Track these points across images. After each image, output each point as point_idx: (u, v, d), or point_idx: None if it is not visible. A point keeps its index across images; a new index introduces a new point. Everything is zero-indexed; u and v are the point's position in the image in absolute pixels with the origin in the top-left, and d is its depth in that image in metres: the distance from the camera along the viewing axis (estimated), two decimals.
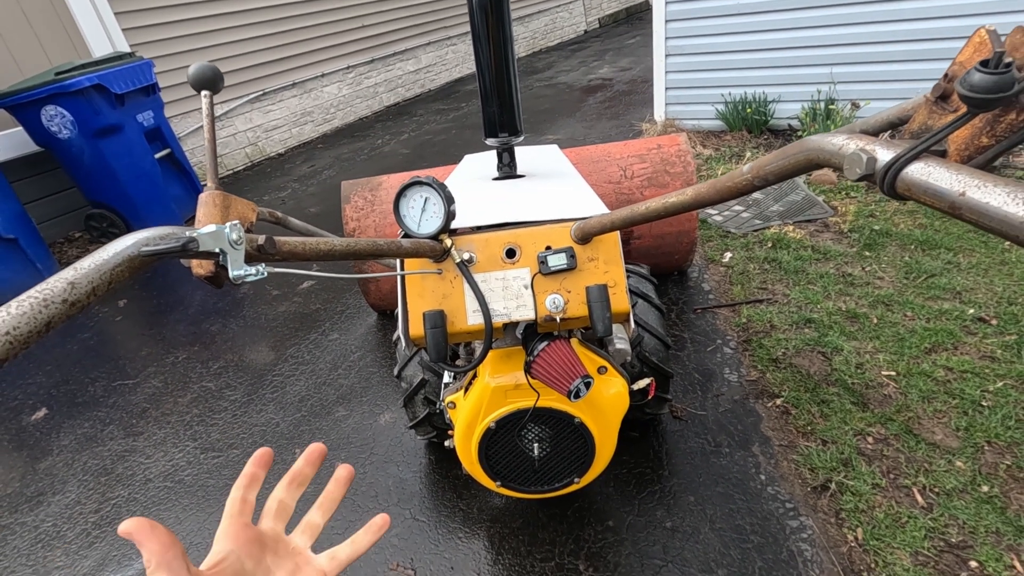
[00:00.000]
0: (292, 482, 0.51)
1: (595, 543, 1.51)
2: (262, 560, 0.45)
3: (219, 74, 1.19)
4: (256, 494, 0.48)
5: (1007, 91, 0.38)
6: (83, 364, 2.66)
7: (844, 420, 1.75)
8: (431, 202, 1.00)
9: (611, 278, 1.09)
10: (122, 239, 0.48)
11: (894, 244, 2.57)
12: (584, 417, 1.19)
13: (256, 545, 0.45)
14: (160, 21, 4.50)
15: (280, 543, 0.48)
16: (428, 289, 1.11)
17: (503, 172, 1.57)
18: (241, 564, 0.43)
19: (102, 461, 2.05)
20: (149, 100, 3.83)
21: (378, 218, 2.27)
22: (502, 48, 1.39)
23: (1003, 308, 2.08)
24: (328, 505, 0.52)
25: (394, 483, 1.77)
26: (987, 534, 1.39)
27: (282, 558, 0.47)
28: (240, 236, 0.54)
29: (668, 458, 1.72)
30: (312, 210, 4.08)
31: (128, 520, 0.38)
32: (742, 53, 3.87)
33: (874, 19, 3.38)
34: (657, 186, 2.24)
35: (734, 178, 0.67)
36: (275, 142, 5.66)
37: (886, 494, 1.52)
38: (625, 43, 8.42)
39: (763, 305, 2.33)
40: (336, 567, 0.49)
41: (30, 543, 1.77)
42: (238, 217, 1.09)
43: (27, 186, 3.80)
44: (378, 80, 6.63)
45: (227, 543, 0.44)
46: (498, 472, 1.28)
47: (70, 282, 0.43)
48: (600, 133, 4.75)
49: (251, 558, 0.44)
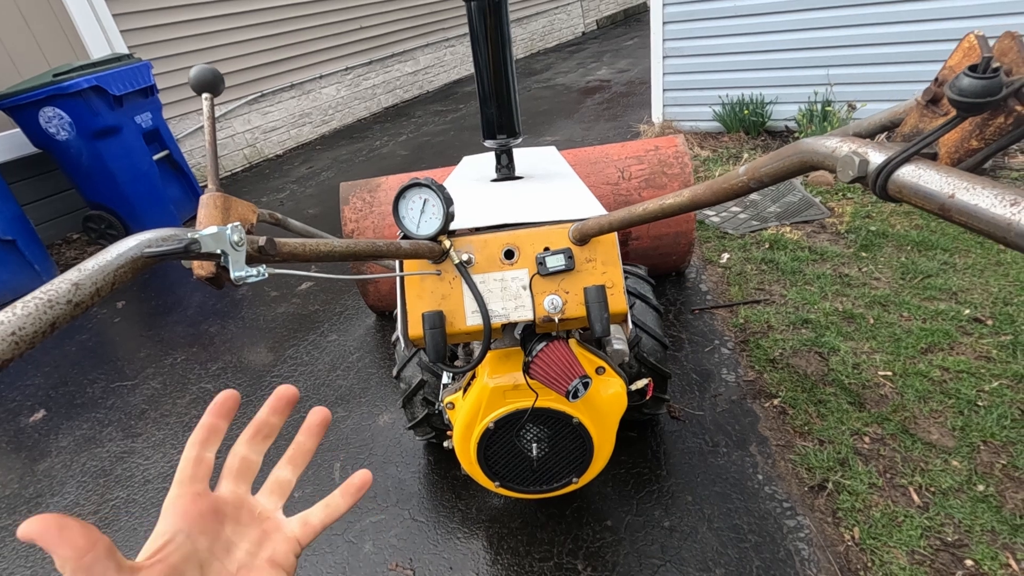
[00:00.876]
0: (256, 434, 0.43)
1: (593, 543, 1.51)
2: (219, 534, 0.38)
3: (220, 76, 1.19)
4: (214, 452, 0.40)
5: (995, 95, 0.39)
6: (81, 366, 2.66)
7: (841, 420, 1.76)
8: (430, 203, 1.01)
9: (609, 279, 1.10)
10: (125, 240, 0.49)
11: (890, 245, 2.59)
12: (582, 417, 1.20)
13: (211, 518, 0.38)
14: (158, 23, 4.51)
15: (243, 508, 0.40)
16: (427, 290, 1.11)
17: (501, 174, 1.58)
18: (192, 544, 0.36)
19: (101, 462, 2.05)
20: (147, 102, 3.83)
21: (377, 219, 2.28)
22: (500, 50, 1.40)
23: (998, 308, 2.09)
24: (300, 458, 0.44)
25: (393, 484, 1.78)
26: (983, 533, 1.40)
27: (246, 526, 0.40)
28: (241, 237, 0.55)
29: (666, 458, 1.73)
30: (311, 211, 4.09)
31: (29, 520, 0.30)
32: (739, 55, 3.89)
33: (871, 21, 3.40)
34: (655, 187, 2.24)
35: (730, 180, 0.68)
36: (273, 143, 5.66)
37: (883, 493, 1.53)
38: (623, 45, 8.44)
39: (760, 306, 2.34)
40: (309, 533, 0.42)
41: (29, 544, 1.77)
42: (239, 219, 1.10)
43: (25, 188, 3.80)
44: (376, 81, 6.64)
45: (173, 520, 0.36)
46: (497, 472, 1.29)
47: (74, 283, 0.44)
48: (598, 134, 4.76)
49: (205, 534, 0.37)
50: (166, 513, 0.37)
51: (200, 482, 0.39)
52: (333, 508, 0.43)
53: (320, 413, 0.45)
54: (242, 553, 0.39)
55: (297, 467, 0.44)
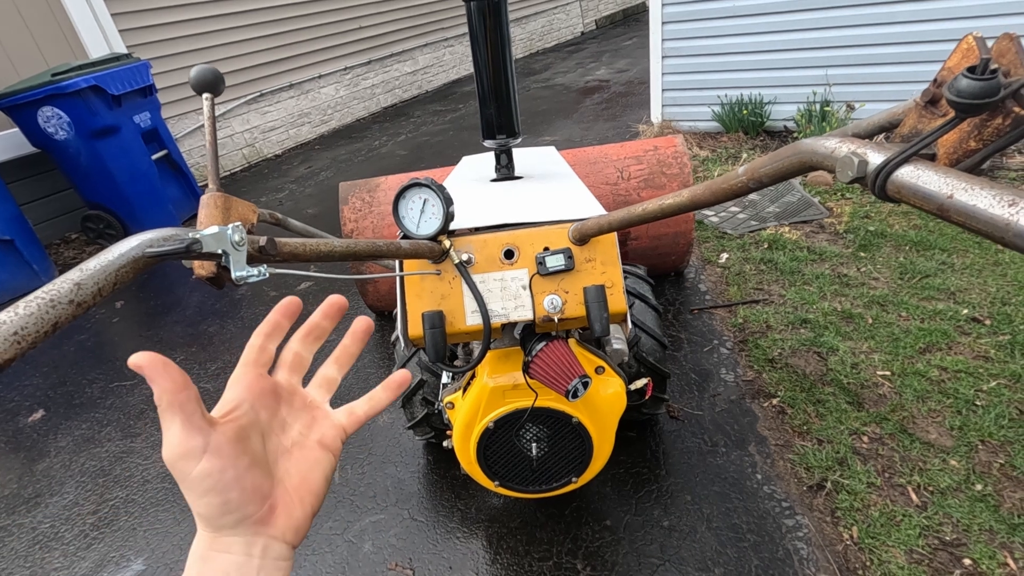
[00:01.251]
0: (309, 335, 0.48)
1: (593, 542, 1.52)
2: (276, 412, 0.43)
3: (220, 76, 1.19)
4: (276, 345, 0.45)
5: (993, 96, 0.39)
6: (80, 366, 2.66)
7: (840, 420, 1.76)
8: (430, 203, 1.01)
9: (609, 279, 1.10)
10: (127, 240, 0.49)
11: (889, 245, 2.59)
12: (582, 417, 1.20)
13: (271, 396, 0.43)
14: (157, 22, 4.50)
15: (296, 396, 0.46)
16: (427, 290, 1.11)
17: (501, 173, 1.58)
18: (255, 414, 0.41)
19: (100, 462, 2.05)
20: (146, 101, 3.82)
21: (376, 219, 2.28)
22: (500, 50, 1.40)
23: (996, 308, 2.10)
24: (345, 359, 0.50)
25: (392, 483, 1.78)
26: (981, 532, 1.41)
27: (298, 411, 0.45)
28: (242, 237, 0.55)
29: (665, 458, 1.73)
30: (310, 211, 4.08)
31: (139, 353, 0.35)
32: (738, 55, 3.89)
33: (869, 22, 3.41)
34: (654, 187, 2.25)
35: (729, 180, 0.68)
36: (272, 143, 5.65)
37: (881, 493, 1.54)
38: (622, 44, 8.45)
39: (759, 306, 2.34)
40: (354, 422, 0.47)
41: (28, 544, 1.77)
42: (239, 218, 1.10)
43: (23, 187, 3.80)
44: (375, 81, 6.64)
45: (240, 391, 0.41)
46: (496, 472, 1.29)
47: (76, 283, 0.44)
48: (597, 134, 4.76)
49: (266, 409, 0.42)
50: (232, 385, 0.42)
51: (262, 366, 0.43)
52: (376, 401, 0.49)
53: (364, 321, 0.50)
54: (295, 432, 0.44)
55: (342, 367, 0.50)
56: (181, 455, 0.35)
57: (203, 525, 0.37)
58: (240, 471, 0.38)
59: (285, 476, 0.42)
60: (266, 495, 0.40)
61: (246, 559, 0.37)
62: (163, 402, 0.35)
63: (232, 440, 0.38)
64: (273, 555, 0.38)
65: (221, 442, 0.37)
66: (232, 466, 0.37)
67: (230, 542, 0.37)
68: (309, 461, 0.43)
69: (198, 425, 0.36)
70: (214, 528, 0.37)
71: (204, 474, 0.36)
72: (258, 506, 0.39)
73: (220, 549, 0.37)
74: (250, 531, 0.38)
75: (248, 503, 0.38)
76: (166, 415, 0.35)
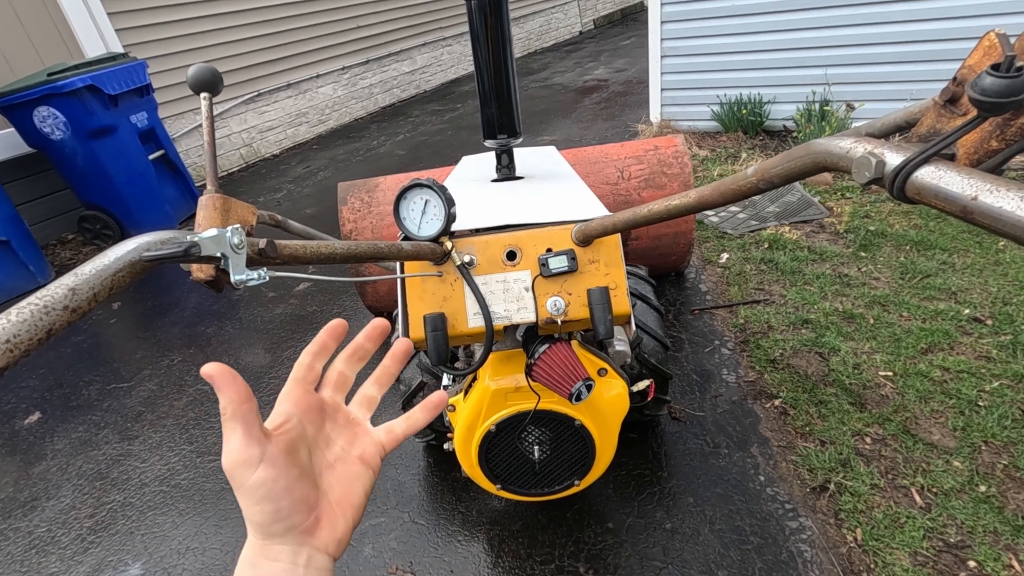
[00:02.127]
0: (353, 355, 0.51)
1: (595, 545, 1.51)
2: (322, 427, 0.46)
3: (218, 76, 1.18)
4: (323, 364, 0.48)
5: (1018, 95, 0.38)
6: (77, 368, 2.64)
7: (842, 420, 1.75)
8: (431, 204, 0.99)
9: (612, 280, 1.09)
10: (123, 244, 0.47)
11: (889, 245, 2.59)
12: (584, 419, 1.19)
13: (317, 412, 0.45)
14: (154, 21, 4.48)
15: (339, 412, 0.48)
16: (428, 292, 1.10)
17: (502, 174, 1.57)
18: (303, 428, 0.43)
19: (97, 465, 2.03)
20: (143, 101, 3.80)
21: (375, 220, 2.26)
22: (501, 49, 1.39)
23: (998, 308, 2.09)
24: (385, 379, 0.52)
25: (393, 486, 1.76)
26: (985, 534, 1.40)
27: (341, 427, 0.47)
28: (242, 240, 0.53)
29: (667, 459, 1.72)
30: (308, 211, 4.07)
31: (211, 363, 0.38)
32: (737, 54, 3.88)
33: (868, 21, 3.40)
34: (654, 187, 2.24)
35: (738, 181, 0.67)
36: (270, 143, 5.63)
37: (885, 494, 1.53)
38: (620, 44, 8.44)
39: (760, 306, 2.33)
40: (393, 440, 0.49)
41: (24, 549, 1.75)
42: (238, 220, 1.09)
43: (19, 188, 3.77)
44: (373, 81, 6.61)
45: (289, 406, 0.43)
46: (498, 475, 1.28)
47: (71, 288, 0.42)
48: (596, 134, 4.75)
49: (312, 424, 0.44)
50: (283, 400, 0.44)
51: (310, 384, 0.46)
52: (413, 421, 0.51)
53: (404, 343, 0.52)
54: (338, 448, 0.46)
55: (382, 387, 0.52)
56: (240, 463, 0.37)
57: (255, 532, 0.39)
58: (291, 481, 0.40)
59: (329, 489, 0.44)
60: (312, 506, 0.41)
61: (292, 567, 0.39)
62: (228, 411, 0.37)
63: (284, 451, 0.40)
64: (316, 565, 0.40)
65: (275, 453, 0.39)
66: (284, 476, 0.39)
67: (279, 550, 0.39)
68: (351, 476, 0.45)
69: (257, 436, 0.38)
70: (265, 535, 0.39)
71: (259, 482, 0.38)
72: (305, 516, 0.40)
73: (269, 557, 0.39)
74: (297, 540, 0.40)
75: (296, 512, 0.40)
76: (229, 424, 0.38)
